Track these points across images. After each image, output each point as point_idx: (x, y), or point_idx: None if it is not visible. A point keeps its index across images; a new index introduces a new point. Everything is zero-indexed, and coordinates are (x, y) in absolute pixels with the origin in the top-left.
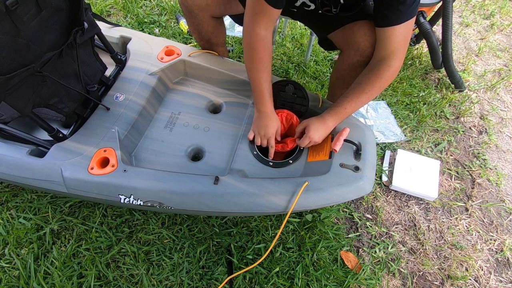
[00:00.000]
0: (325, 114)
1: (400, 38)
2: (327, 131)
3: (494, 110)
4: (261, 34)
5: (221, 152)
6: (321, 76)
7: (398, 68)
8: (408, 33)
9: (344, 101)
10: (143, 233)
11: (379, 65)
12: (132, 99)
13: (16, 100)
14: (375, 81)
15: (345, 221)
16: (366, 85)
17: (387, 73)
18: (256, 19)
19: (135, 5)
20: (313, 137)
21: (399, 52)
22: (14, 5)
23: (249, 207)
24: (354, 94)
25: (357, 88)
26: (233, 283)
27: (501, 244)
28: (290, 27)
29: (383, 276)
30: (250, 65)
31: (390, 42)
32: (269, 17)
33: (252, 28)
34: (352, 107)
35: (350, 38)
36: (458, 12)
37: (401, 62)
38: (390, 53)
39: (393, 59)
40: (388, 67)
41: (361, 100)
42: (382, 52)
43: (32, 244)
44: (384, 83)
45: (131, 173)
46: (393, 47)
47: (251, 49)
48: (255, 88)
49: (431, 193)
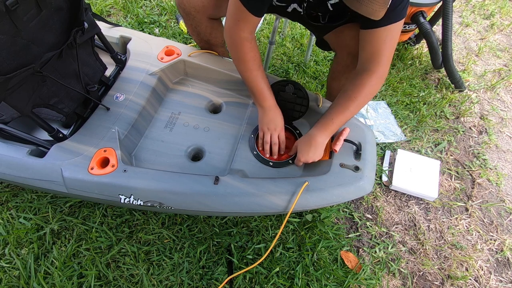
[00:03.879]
0: (313, 129)
1: (380, 42)
2: (318, 148)
3: (494, 110)
4: (247, 37)
5: (221, 152)
6: (321, 76)
7: (382, 74)
8: (391, 38)
9: (331, 112)
10: (143, 233)
11: (361, 72)
12: (132, 99)
13: (16, 100)
14: (360, 89)
15: (345, 221)
16: (352, 92)
17: (370, 80)
18: (239, 25)
19: (135, 5)
20: (305, 159)
21: (381, 57)
22: (14, 5)
23: (249, 207)
24: (341, 104)
25: (343, 96)
26: (233, 283)
27: (501, 244)
28: (290, 27)
29: (383, 276)
30: (241, 67)
31: (369, 46)
32: (251, 24)
33: (236, 33)
34: (339, 118)
35: (342, 41)
36: (458, 12)
37: (384, 67)
38: (370, 57)
39: (375, 65)
40: (370, 73)
41: (348, 109)
42: (363, 55)
43: (32, 244)
44: (370, 89)
45: (131, 173)
46: (372, 51)
47: (239, 51)
48: (253, 87)
49: (431, 193)
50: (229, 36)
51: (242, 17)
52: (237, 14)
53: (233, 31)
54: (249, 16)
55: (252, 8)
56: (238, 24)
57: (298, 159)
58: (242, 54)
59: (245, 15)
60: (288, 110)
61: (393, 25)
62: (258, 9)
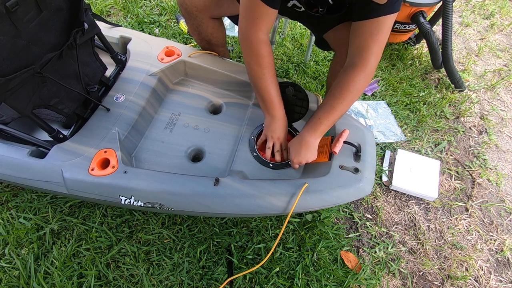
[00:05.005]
0: (303, 130)
1: (367, 35)
2: (310, 148)
3: (494, 110)
4: (264, 39)
5: (221, 153)
6: (321, 76)
7: (369, 69)
8: (380, 32)
9: (319, 112)
10: (143, 233)
11: (348, 68)
12: (132, 99)
13: (17, 101)
14: (346, 86)
15: (345, 221)
16: (337, 90)
17: (356, 76)
18: (257, 24)
19: (135, 5)
20: (297, 161)
21: (368, 51)
22: (14, 6)
23: (249, 209)
24: (327, 103)
25: (330, 95)
26: (233, 283)
27: (501, 244)
28: (290, 27)
29: (383, 276)
30: (256, 73)
31: (357, 39)
32: (269, 19)
33: (253, 34)
34: (327, 116)
35: (341, 39)
36: (458, 12)
37: (372, 62)
38: (357, 51)
39: (362, 59)
40: (356, 68)
41: (335, 108)
42: (351, 50)
43: (32, 244)
44: (356, 85)
45: (132, 174)
46: (359, 44)
47: (256, 56)
48: (264, 93)
49: (431, 193)
50: (245, 39)
51: (258, 13)
52: (253, 11)
53: (251, 32)
54: (266, 10)
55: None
56: (256, 23)
57: (291, 160)
58: (259, 59)
59: (261, 9)
60: (288, 112)
61: (384, 18)
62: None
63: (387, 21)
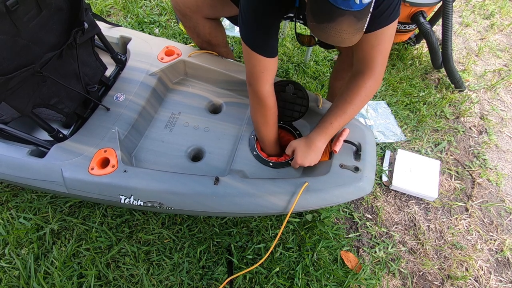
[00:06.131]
0: (312, 133)
1: (369, 47)
2: (317, 152)
3: (494, 110)
4: (271, 91)
5: (221, 152)
6: (321, 76)
7: (377, 77)
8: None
9: (330, 115)
10: (143, 233)
11: (356, 74)
12: (132, 99)
13: (17, 100)
14: (356, 91)
15: (345, 221)
16: (348, 95)
17: (365, 83)
18: (263, 78)
19: (135, 5)
20: (302, 162)
21: (373, 61)
22: (14, 5)
23: (249, 208)
24: (339, 107)
25: (340, 99)
26: (233, 283)
27: (501, 244)
28: (290, 27)
29: (383, 276)
30: (261, 120)
31: (360, 50)
32: (272, 70)
33: (261, 89)
34: (338, 121)
35: None
36: (458, 12)
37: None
38: (362, 61)
39: (368, 68)
40: (364, 76)
41: (346, 112)
42: (356, 58)
43: (32, 244)
44: (365, 91)
45: (131, 173)
46: (363, 55)
47: (263, 106)
48: (264, 136)
49: (431, 193)
50: (254, 92)
51: (262, 67)
52: (256, 67)
53: (258, 86)
54: (268, 62)
55: (269, 52)
56: (261, 77)
57: (295, 161)
58: (266, 110)
59: (263, 63)
60: (288, 110)
61: (382, 30)
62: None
63: (387, 32)
